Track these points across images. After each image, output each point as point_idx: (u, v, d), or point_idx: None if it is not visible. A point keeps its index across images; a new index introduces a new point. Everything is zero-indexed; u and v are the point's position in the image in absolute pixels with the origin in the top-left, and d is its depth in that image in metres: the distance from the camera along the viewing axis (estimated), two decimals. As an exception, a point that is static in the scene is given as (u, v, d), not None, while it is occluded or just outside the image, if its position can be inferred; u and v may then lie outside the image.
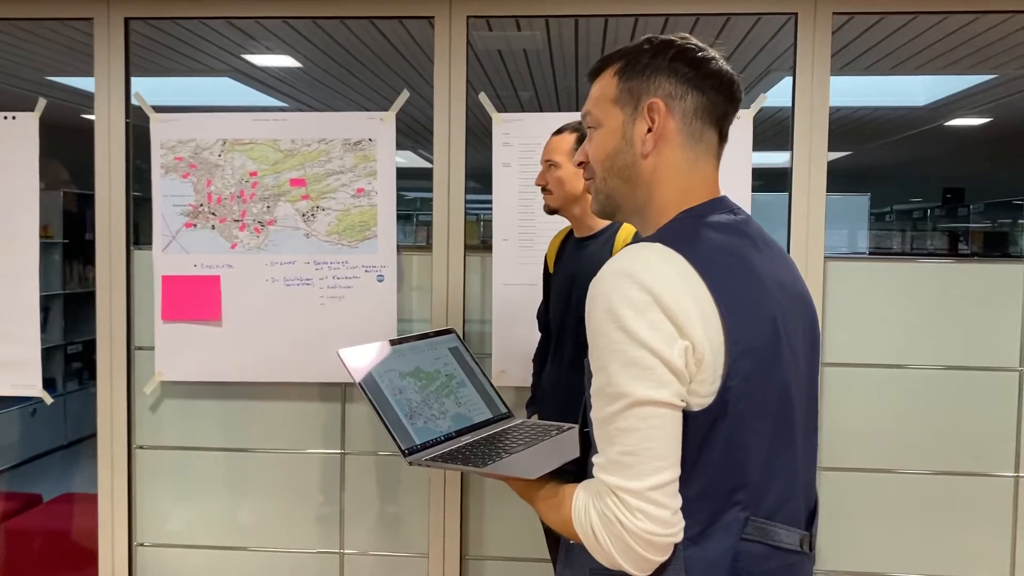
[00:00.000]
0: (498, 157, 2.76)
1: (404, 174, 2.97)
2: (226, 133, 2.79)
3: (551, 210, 2.33)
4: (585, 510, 1.07)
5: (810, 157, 2.69)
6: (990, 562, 2.76)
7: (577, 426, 1.29)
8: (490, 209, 2.77)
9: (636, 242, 1.13)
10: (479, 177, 3.06)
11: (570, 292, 2.30)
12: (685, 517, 1.05)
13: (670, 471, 1.03)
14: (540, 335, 2.57)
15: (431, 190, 2.78)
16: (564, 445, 1.33)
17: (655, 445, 1.02)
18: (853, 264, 2.76)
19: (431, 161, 2.80)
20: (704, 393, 1.04)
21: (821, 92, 2.67)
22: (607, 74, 1.19)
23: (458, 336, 1.57)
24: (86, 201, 6.16)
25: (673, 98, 1.15)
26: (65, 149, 4.22)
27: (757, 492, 1.08)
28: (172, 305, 2.82)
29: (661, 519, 1.02)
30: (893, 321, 2.74)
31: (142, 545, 2.97)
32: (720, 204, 1.17)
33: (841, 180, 10.83)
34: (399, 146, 2.80)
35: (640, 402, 1.02)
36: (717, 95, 1.16)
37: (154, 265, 2.83)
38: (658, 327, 1.02)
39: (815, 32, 2.66)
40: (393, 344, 1.43)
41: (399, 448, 1.28)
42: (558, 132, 2.30)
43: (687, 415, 1.04)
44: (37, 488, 5.12)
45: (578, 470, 1.21)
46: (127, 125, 2.85)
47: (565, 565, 1.22)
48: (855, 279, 2.74)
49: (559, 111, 3.79)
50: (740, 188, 2.66)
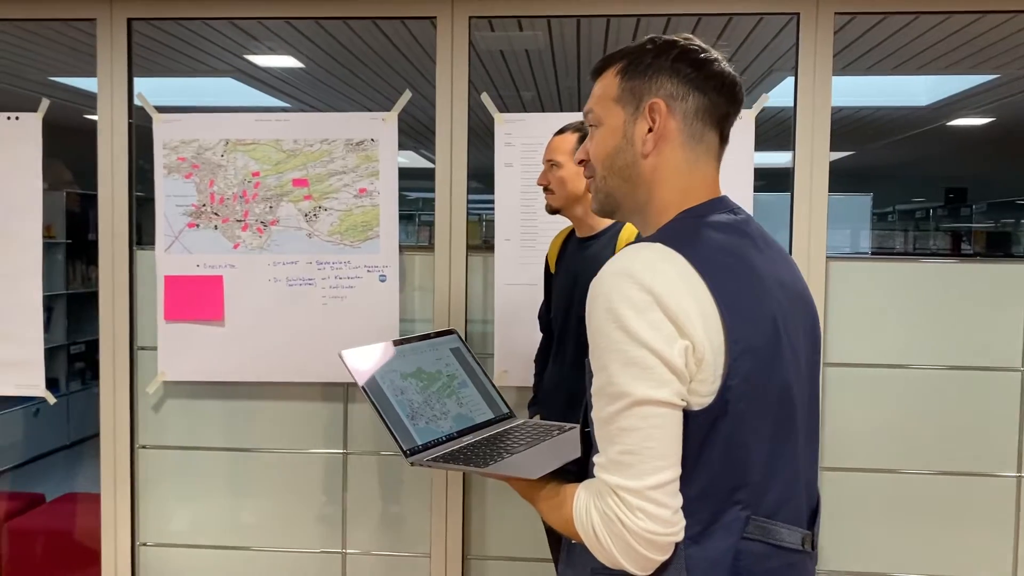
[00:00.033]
0: (500, 157, 2.76)
1: (406, 174, 2.98)
2: (229, 133, 2.80)
3: (553, 210, 2.33)
4: (586, 509, 1.07)
5: (812, 157, 2.69)
6: (992, 562, 2.76)
7: (578, 426, 1.29)
8: (492, 209, 2.77)
9: (637, 242, 1.14)
10: (481, 177, 3.06)
11: (572, 292, 2.30)
12: (686, 516, 1.06)
13: (671, 470, 1.03)
14: (541, 335, 2.57)
15: (433, 190, 2.78)
16: (565, 445, 1.33)
17: (655, 444, 1.02)
18: (855, 264, 2.76)
19: (433, 161, 2.80)
20: (704, 393, 1.04)
21: (823, 92, 2.67)
22: (609, 73, 1.19)
23: (460, 337, 1.57)
24: (89, 201, 6.17)
25: (675, 99, 1.15)
26: (68, 149, 4.23)
27: (758, 491, 1.09)
28: (175, 305, 2.82)
29: (662, 518, 1.02)
30: (895, 321, 2.74)
31: (145, 545, 2.98)
32: (720, 204, 1.18)
33: (843, 180, 10.82)
34: (401, 146, 2.80)
35: (640, 401, 1.02)
36: (719, 96, 1.16)
37: (157, 265, 2.83)
38: (658, 327, 1.02)
39: (817, 32, 2.66)
40: (395, 345, 1.44)
41: (401, 448, 1.28)
42: (560, 132, 2.30)
43: (688, 414, 1.04)
44: (40, 488, 5.13)
45: (580, 470, 1.21)
46: (130, 125, 2.86)
47: (567, 565, 1.22)
48: (857, 279, 2.74)
49: (561, 111, 3.79)
50: (742, 188, 2.66)
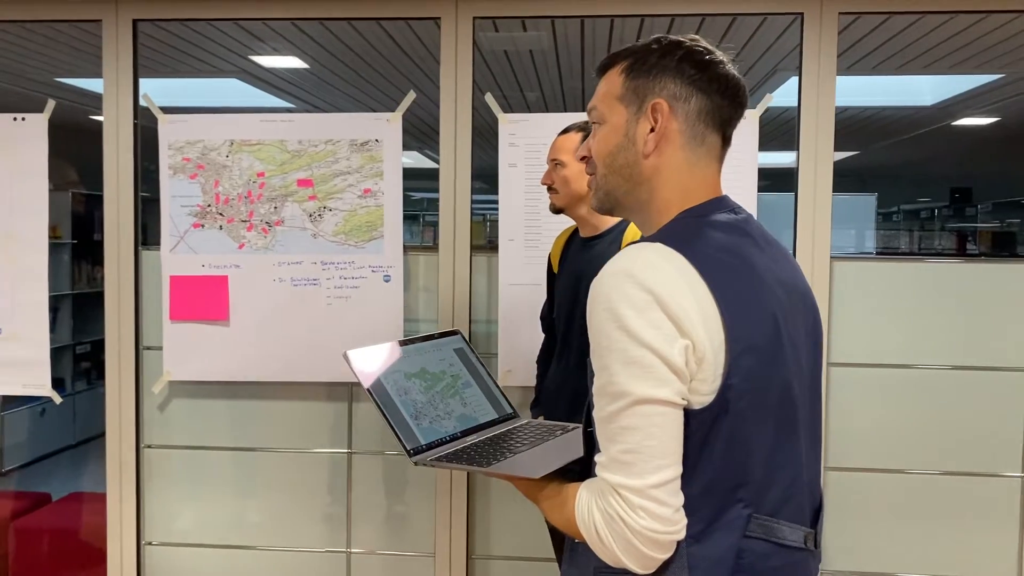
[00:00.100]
0: (504, 157, 2.77)
1: (411, 174, 2.98)
2: (234, 134, 2.81)
3: (557, 209, 2.33)
4: (588, 509, 1.07)
5: (816, 157, 2.69)
6: (997, 562, 2.75)
7: (582, 426, 1.29)
8: (496, 209, 2.77)
9: (638, 242, 1.14)
10: (485, 177, 3.07)
11: (577, 292, 2.29)
12: (688, 515, 1.06)
13: (672, 469, 1.04)
14: (544, 336, 2.57)
15: (437, 190, 2.79)
16: (568, 445, 1.33)
17: (656, 443, 1.02)
18: (860, 264, 2.75)
19: (437, 161, 2.80)
20: (705, 391, 1.04)
21: (827, 92, 2.67)
22: (614, 71, 1.20)
23: (463, 337, 1.58)
24: (95, 202, 6.19)
25: (677, 99, 1.15)
26: (74, 150, 4.25)
27: (760, 489, 1.09)
28: (180, 305, 2.83)
29: (663, 517, 1.03)
30: (900, 321, 2.73)
31: (150, 544, 2.99)
32: (721, 203, 1.18)
33: (848, 180, 10.80)
34: (406, 147, 2.80)
35: (641, 400, 1.02)
36: (722, 99, 1.16)
37: (162, 265, 2.84)
38: (658, 326, 1.02)
39: (821, 32, 2.66)
40: (399, 345, 1.44)
41: (404, 448, 1.29)
42: (565, 131, 2.31)
43: (689, 413, 1.04)
44: (46, 487, 5.15)
45: (583, 469, 1.22)
46: (135, 126, 2.87)
47: (570, 564, 1.22)
48: (862, 279, 2.73)
49: (565, 112, 3.80)
50: (746, 188, 2.66)
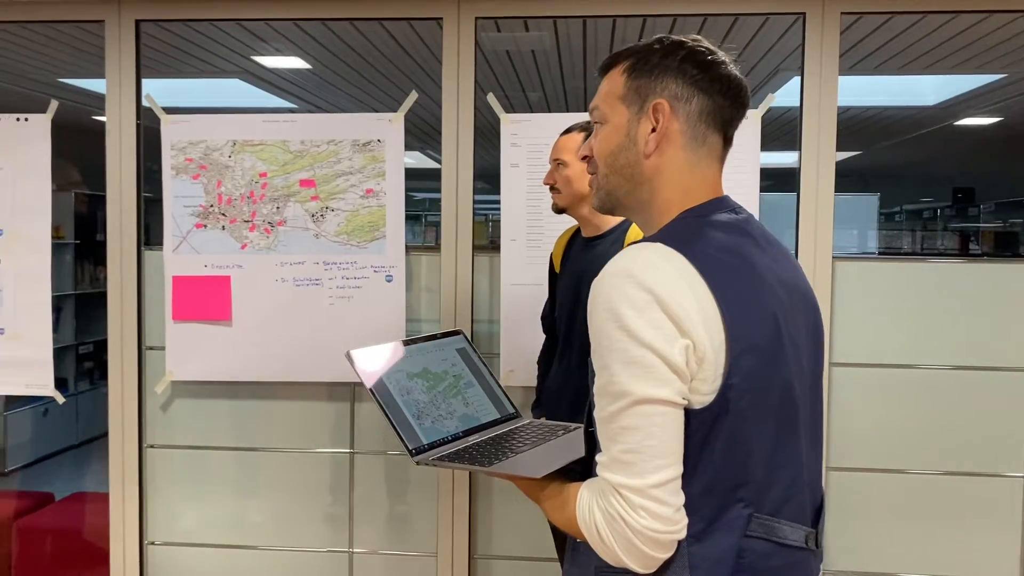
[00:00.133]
0: (506, 158, 2.77)
1: (413, 175, 2.98)
2: (236, 134, 2.81)
3: (559, 209, 2.33)
4: (589, 508, 1.07)
5: (818, 157, 2.69)
6: (998, 563, 2.75)
7: (583, 426, 1.29)
8: (498, 209, 2.77)
9: (638, 242, 1.14)
10: (487, 177, 3.07)
11: (578, 292, 2.29)
12: (689, 514, 1.06)
13: (672, 468, 1.04)
14: (545, 336, 2.57)
15: (439, 190, 2.79)
16: (570, 444, 1.34)
17: (657, 443, 1.03)
18: (862, 264, 2.75)
19: (439, 162, 2.80)
20: (706, 391, 1.04)
21: (829, 92, 2.67)
22: (616, 71, 1.20)
23: (466, 337, 1.58)
24: (97, 202, 6.20)
25: (679, 100, 1.15)
26: (77, 151, 4.26)
27: (761, 489, 1.09)
28: (182, 305, 2.84)
29: (664, 516, 1.03)
30: (902, 321, 2.73)
31: (153, 544, 2.99)
32: (721, 203, 1.18)
33: (850, 180, 10.79)
34: (408, 147, 2.80)
35: (641, 400, 1.02)
36: (724, 100, 1.16)
37: (165, 266, 2.84)
38: (659, 326, 1.03)
39: (823, 32, 2.66)
40: (401, 345, 1.44)
41: (406, 448, 1.29)
42: (567, 131, 2.31)
43: (689, 413, 1.05)
44: (49, 487, 5.15)
45: (584, 469, 1.22)
46: (138, 126, 2.87)
47: (572, 563, 1.22)
48: (864, 279, 2.73)
49: (567, 112, 3.80)
50: (748, 188, 2.66)
